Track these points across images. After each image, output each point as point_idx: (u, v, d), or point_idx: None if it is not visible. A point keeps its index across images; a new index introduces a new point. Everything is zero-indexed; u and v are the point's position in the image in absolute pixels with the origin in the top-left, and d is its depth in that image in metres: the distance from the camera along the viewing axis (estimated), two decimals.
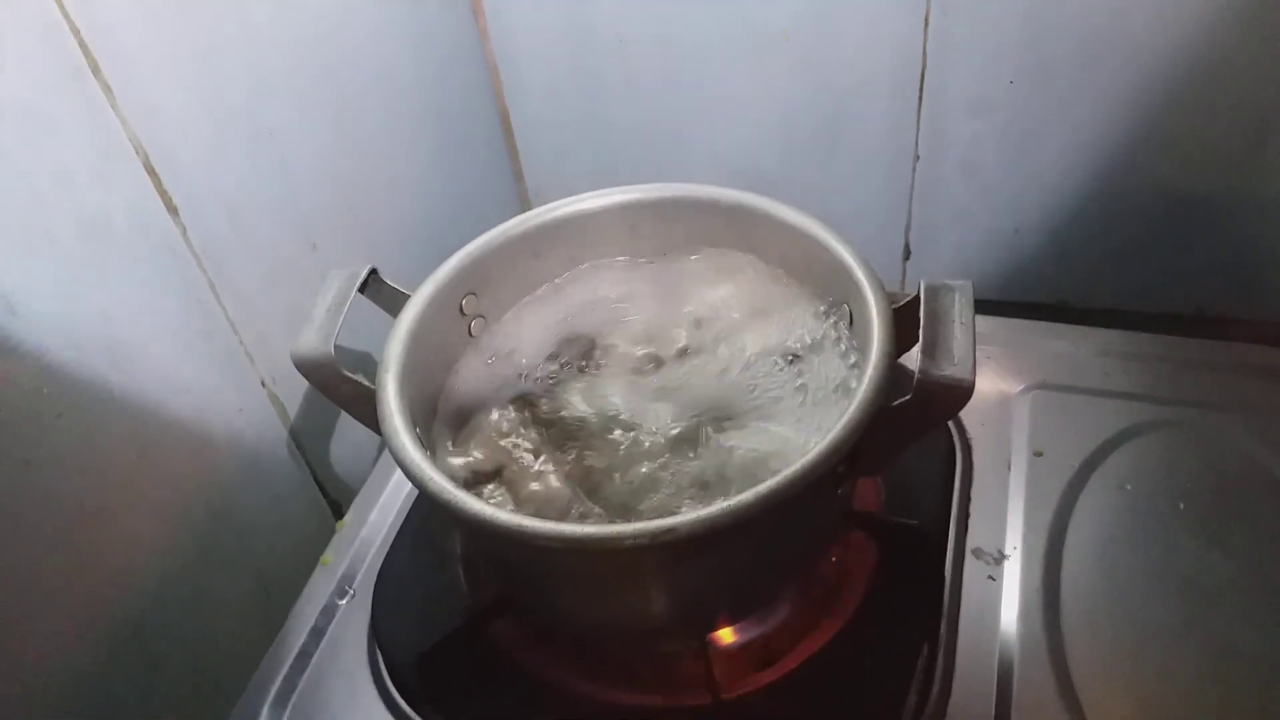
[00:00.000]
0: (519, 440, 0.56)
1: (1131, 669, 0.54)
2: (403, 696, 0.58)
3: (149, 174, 0.54)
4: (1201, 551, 0.58)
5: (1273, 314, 0.77)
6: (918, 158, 0.80)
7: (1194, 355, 0.71)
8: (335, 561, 0.67)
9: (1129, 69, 0.69)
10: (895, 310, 0.51)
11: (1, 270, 0.46)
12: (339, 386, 0.55)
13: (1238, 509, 0.60)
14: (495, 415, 0.57)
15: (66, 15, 0.48)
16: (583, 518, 0.50)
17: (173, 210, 0.56)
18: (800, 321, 0.58)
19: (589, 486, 0.53)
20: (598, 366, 0.60)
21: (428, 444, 0.53)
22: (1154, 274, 0.79)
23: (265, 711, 0.59)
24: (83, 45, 0.49)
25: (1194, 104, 0.69)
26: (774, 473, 0.43)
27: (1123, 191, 0.75)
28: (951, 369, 0.45)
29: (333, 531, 0.70)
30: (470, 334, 0.62)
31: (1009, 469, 0.65)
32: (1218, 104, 0.69)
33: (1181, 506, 0.61)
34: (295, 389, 0.67)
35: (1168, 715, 0.52)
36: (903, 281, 0.89)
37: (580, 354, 0.61)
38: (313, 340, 0.54)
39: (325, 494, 0.72)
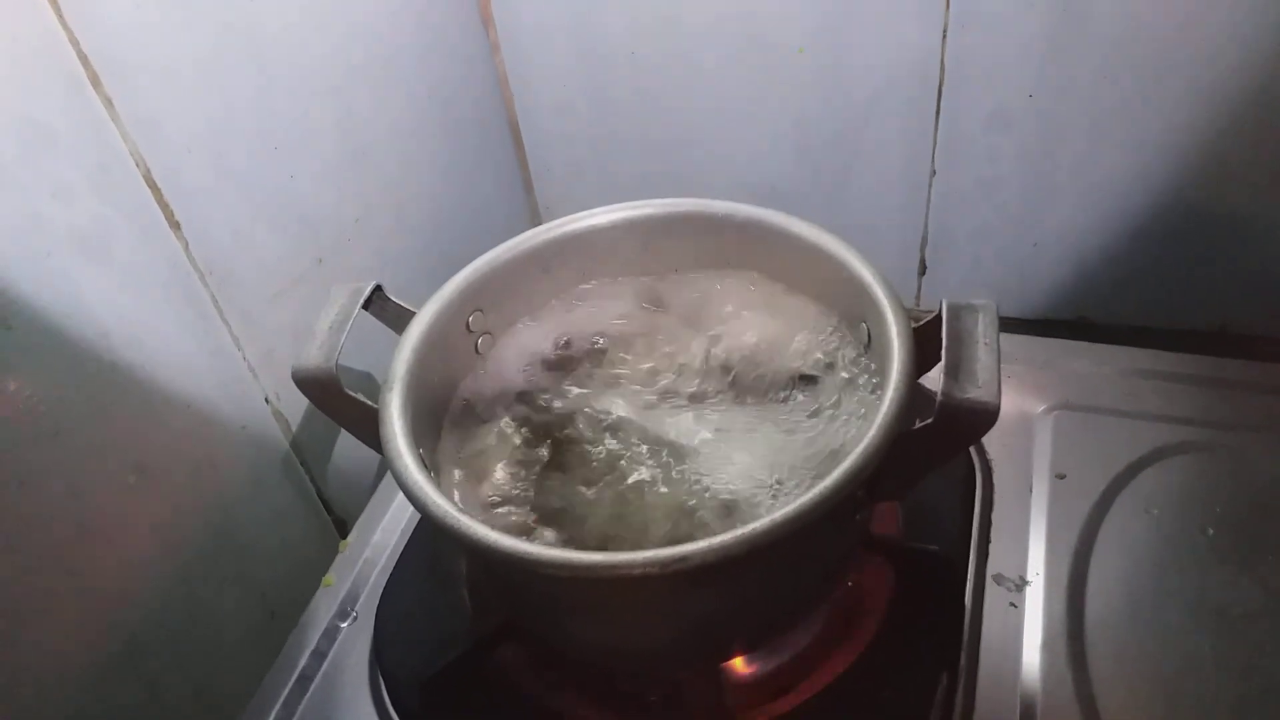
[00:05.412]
0: (525, 460, 0.55)
1: (1160, 703, 0.52)
2: None
3: (150, 187, 0.53)
4: (1232, 579, 0.56)
5: None
6: (934, 172, 0.78)
7: (1222, 374, 0.69)
8: (338, 582, 0.66)
9: (1152, 82, 0.68)
10: (915, 330, 0.49)
11: None
12: (341, 406, 0.54)
13: (1269, 535, 0.58)
14: (502, 435, 0.56)
15: (65, 26, 0.47)
16: (586, 543, 0.49)
17: (174, 224, 0.55)
18: (816, 341, 0.57)
19: (596, 510, 0.51)
20: (608, 387, 0.59)
21: (432, 465, 0.51)
22: (1176, 290, 0.78)
23: None
24: (82, 57, 0.48)
25: (1218, 117, 0.68)
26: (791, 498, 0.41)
27: (1144, 206, 0.74)
28: (976, 391, 0.44)
29: (336, 549, 0.69)
30: (477, 351, 0.60)
31: (1030, 492, 0.63)
32: (1243, 116, 0.67)
33: (1210, 532, 0.59)
34: (299, 406, 0.66)
35: None
36: (918, 298, 0.88)
37: (590, 374, 0.60)
38: (314, 358, 0.53)
39: (330, 511, 0.71)
